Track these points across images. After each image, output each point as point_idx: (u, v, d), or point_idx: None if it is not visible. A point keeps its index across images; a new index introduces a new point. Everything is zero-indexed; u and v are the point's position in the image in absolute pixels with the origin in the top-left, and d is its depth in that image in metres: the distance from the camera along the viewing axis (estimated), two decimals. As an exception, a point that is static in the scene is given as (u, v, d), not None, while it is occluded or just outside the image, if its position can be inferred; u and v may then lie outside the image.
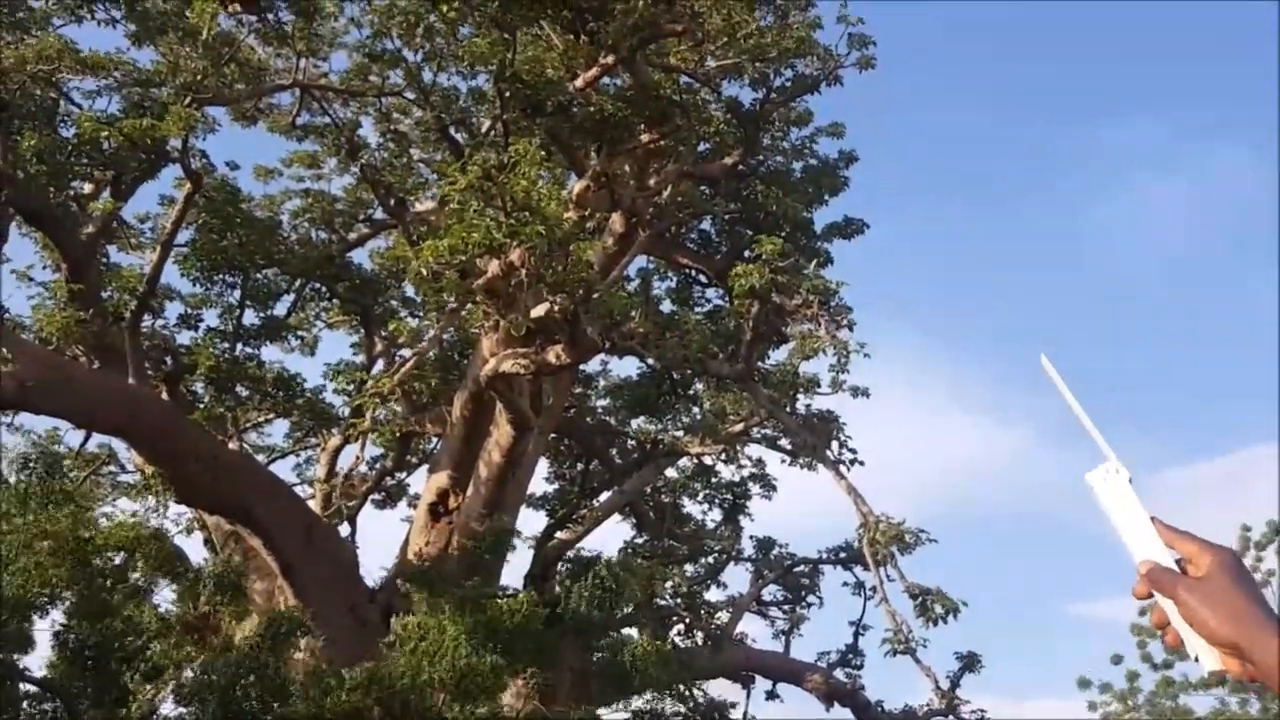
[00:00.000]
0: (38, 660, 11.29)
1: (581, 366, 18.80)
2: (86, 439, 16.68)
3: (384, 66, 18.11)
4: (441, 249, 8.79)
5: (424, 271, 8.73)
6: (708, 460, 19.44)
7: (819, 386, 17.04)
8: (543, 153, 10.17)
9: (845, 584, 20.11)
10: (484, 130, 17.10)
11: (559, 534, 18.34)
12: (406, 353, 15.85)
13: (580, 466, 22.43)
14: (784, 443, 17.59)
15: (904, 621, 11.35)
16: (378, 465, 19.84)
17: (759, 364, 13.26)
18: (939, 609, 10.76)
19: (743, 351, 11.98)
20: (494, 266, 9.40)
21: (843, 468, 11.97)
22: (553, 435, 20.00)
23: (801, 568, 20.93)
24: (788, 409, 12.51)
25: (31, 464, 11.79)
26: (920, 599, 11.02)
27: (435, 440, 20.76)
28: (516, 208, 8.84)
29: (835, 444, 12.30)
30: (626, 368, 23.25)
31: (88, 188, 15.54)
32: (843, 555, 19.86)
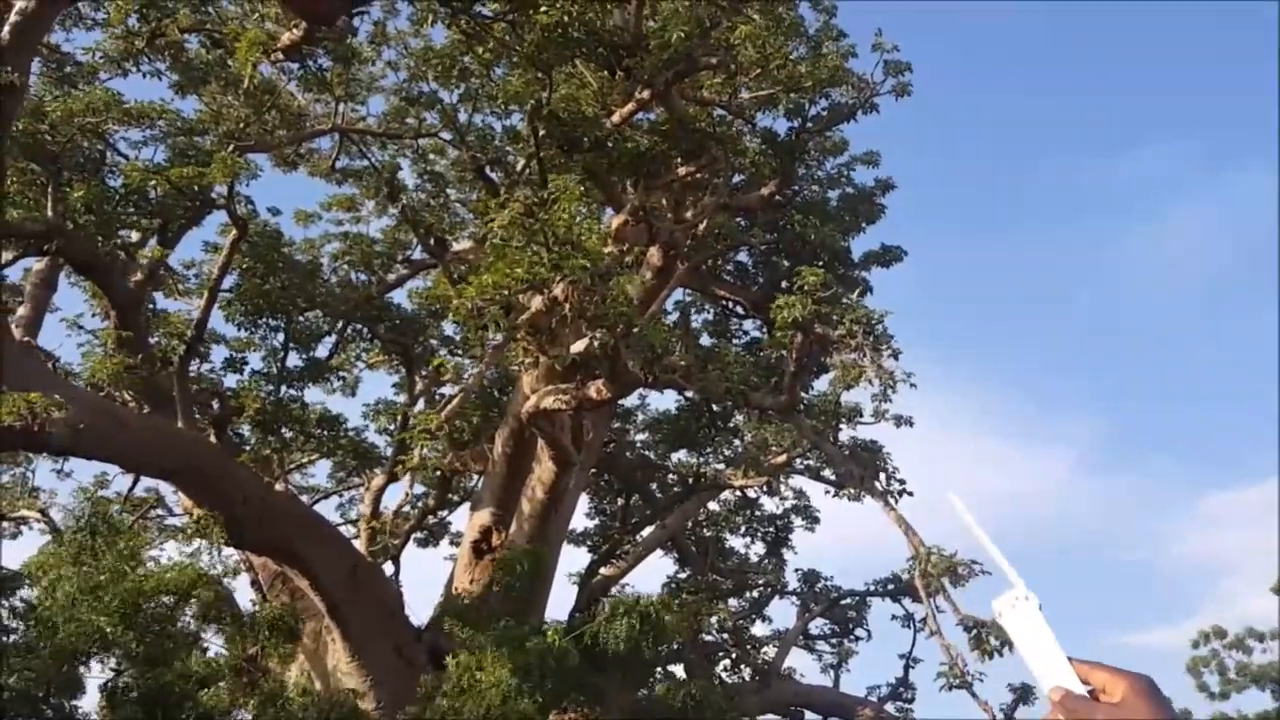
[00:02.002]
0: (89, 705, 11.37)
1: (620, 401, 18.77)
2: (135, 483, 16.89)
3: (420, 109, 18.40)
4: (486, 285, 8.83)
5: (470, 305, 8.74)
6: (751, 493, 19.26)
7: (860, 416, 16.93)
8: (581, 188, 10.23)
9: (894, 616, 19.86)
10: (519, 169, 17.28)
11: (602, 570, 18.23)
12: (448, 390, 15.94)
13: (620, 501, 22.35)
14: (828, 474, 17.41)
15: (959, 655, 11.11)
16: (420, 504, 19.89)
17: (802, 395, 13.13)
18: (994, 641, 10.53)
19: (786, 383, 11.88)
20: (537, 302, 9.42)
21: (891, 499, 11.79)
22: (592, 471, 19.95)
23: (848, 600, 20.65)
24: (832, 440, 12.37)
25: (83, 520, 11.93)
26: (975, 631, 10.78)
27: (476, 478, 20.79)
28: (559, 242, 8.88)
29: (883, 475, 12.12)
30: (665, 401, 23.21)
31: (134, 236, 15.86)
32: (890, 587, 19.58)
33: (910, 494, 12.51)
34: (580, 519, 21.38)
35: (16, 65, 9.09)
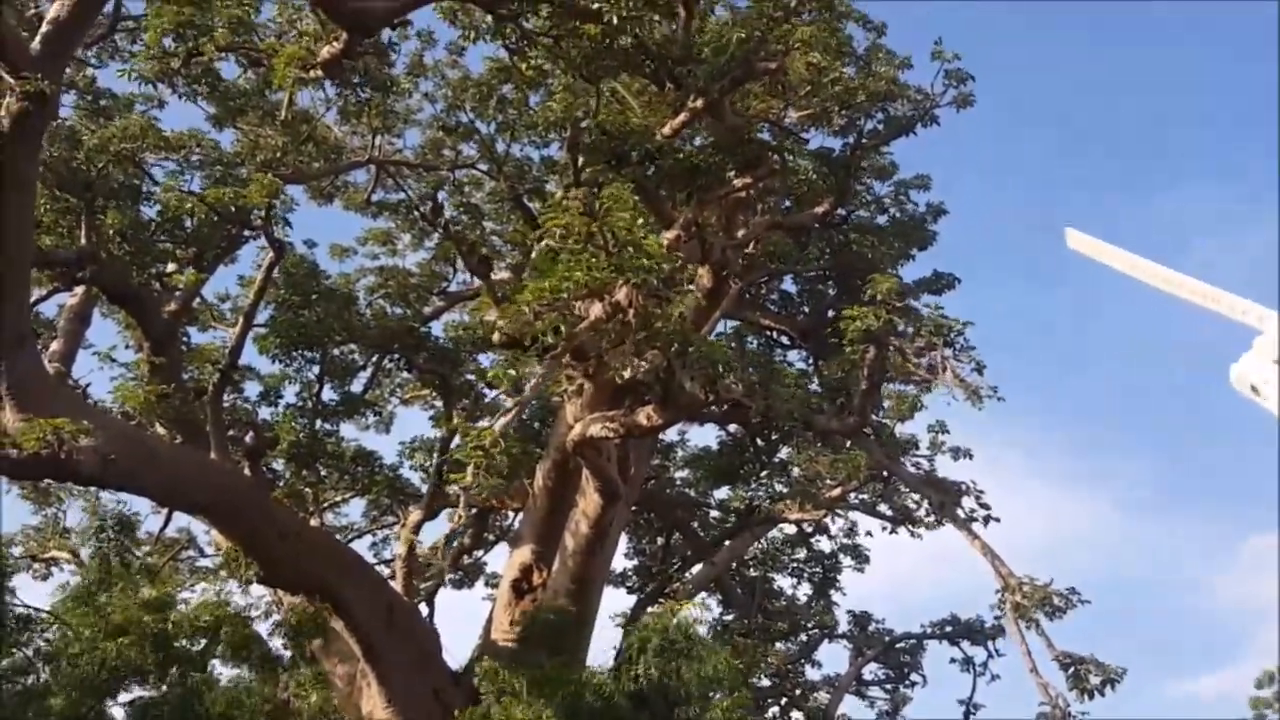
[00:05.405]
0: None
1: (661, 434, 18.10)
2: (167, 521, 16.38)
3: (457, 139, 18.09)
4: (543, 290, 8.27)
5: (528, 311, 8.18)
6: (806, 528, 18.45)
7: (916, 448, 16.15)
8: (635, 197, 9.73)
9: (953, 660, 18.93)
10: (559, 198, 16.84)
11: (649, 610, 17.45)
12: (486, 423, 15.34)
13: (661, 541, 21.62)
14: (884, 508, 16.61)
15: (1059, 694, 10.26)
16: (456, 542, 19.26)
17: (874, 418, 12.41)
18: (1094, 679, 9.70)
19: (856, 403, 11.20)
20: (596, 309, 8.87)
21: (978, 525, 11.00)
22: (632, 508, 19.26)
23: (903, 644, 19.74)
24: (908, 466, 11.65)
25: (107, 531, 11.45)
26: (1072, 668, 9.97)
27: (512, 516, 20.13)
28: (619, 244, 8.34)
29: (968, 501, 11.34)
30: (705, 437, 22.50)
31: (170, 267, 15.54)
32: (948, 629, 18.70)
33: (997, 520, 11.75)
34: (619, 559, 20.67)
35: (48, 74, 8.74)
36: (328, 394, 17.29)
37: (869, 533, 19.06)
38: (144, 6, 13.77)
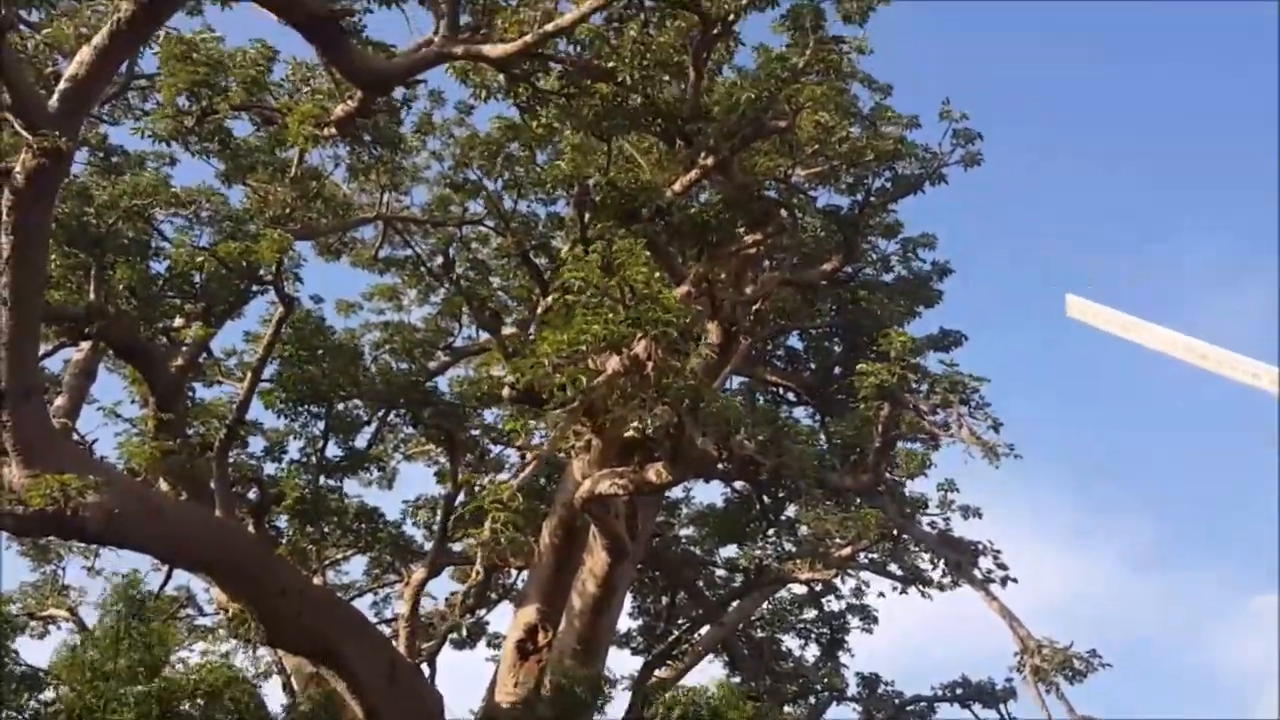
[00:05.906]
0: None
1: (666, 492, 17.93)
2: (167, 579, 16.16)
3: (464, 196, 18.24)
4: (560, 343, 8.23)
5: (547, 364, 8.14)
6: (816, 588, 18.21)
7: (926, 507, 15.99)
8: (647, 253, 9.76)
9: (964, 724, 18.51)
10: (566, 252, 16.93)
11: (657, 672, 17.14)
12: (503, 476, 15.26)
13: (665, 600, 21.31)
14: (894, 568, 16.39)
15: (1082, 760, 10.00)
16: (463, 601, 18.99)
17: (888, 475, 12.31)
18: (1117, 746, 9.47)
19: (870, 460, 11.10)
20: (614, 363, 8.82)
21: (995, 586, 10.82)
22: (637, 567, 19.03)
23: (913, 707, 19.35)
24: (927, 525, 11.51)
25: (119, 605, 11.27)
26: (1095, 734, 9.76)
27: (516, 575, 19.87)
28: (636, 299, 8.34)
29: (984, 561, 11.17)
30: (710, 494, 22.30)
31: (177, 322, 15.53)
32: (959, 691, 18.35)
33: (1015, 580, 11.57)
34: (622, 619, 20.35)
35: (65, 131, 8.80)
36: (332, 449, 17.21)
37: (881, 594, 18.78)
38: (158, 65, 13.91)
